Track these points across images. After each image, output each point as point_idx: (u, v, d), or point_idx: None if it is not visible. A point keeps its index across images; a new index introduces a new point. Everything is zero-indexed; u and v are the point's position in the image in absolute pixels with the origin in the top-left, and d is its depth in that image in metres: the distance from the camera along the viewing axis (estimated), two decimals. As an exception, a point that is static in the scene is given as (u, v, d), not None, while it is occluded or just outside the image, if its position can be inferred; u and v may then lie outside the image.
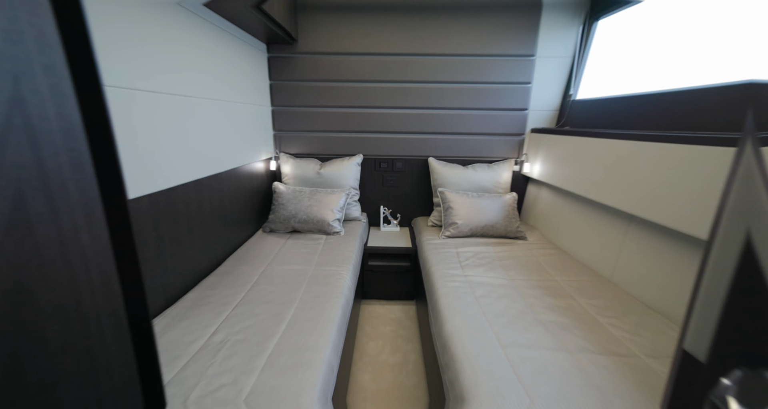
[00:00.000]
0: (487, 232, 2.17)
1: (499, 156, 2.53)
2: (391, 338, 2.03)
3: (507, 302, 1.45)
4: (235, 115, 1.92)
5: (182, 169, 1.46)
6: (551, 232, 2.21)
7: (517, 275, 1.71)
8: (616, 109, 1.90)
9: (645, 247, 1.49)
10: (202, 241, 1.63)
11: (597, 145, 1.74)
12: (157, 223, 1.32)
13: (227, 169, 1.85)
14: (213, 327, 1.24)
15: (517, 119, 2.43)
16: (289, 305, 1.39)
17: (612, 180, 1.61)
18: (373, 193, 2.67)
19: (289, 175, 2.45)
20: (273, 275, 1.64)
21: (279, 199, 2.23)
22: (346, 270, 1.72)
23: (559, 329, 1.27)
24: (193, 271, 1.55)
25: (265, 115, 2.37)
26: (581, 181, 1.84)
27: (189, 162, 1.50)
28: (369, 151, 2.55)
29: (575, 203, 2.01)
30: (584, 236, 1.88)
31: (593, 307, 1.42)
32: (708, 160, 1.18)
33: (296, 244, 2.03)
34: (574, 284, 1.62)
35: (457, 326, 1.27)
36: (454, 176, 2.40)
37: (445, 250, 1.98)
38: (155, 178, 1.30)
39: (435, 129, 2.48)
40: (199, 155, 1.58)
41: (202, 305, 1.37)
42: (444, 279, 1.63)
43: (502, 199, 2.25)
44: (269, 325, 1.25)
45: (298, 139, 2.54)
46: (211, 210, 1.70)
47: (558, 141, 2.11)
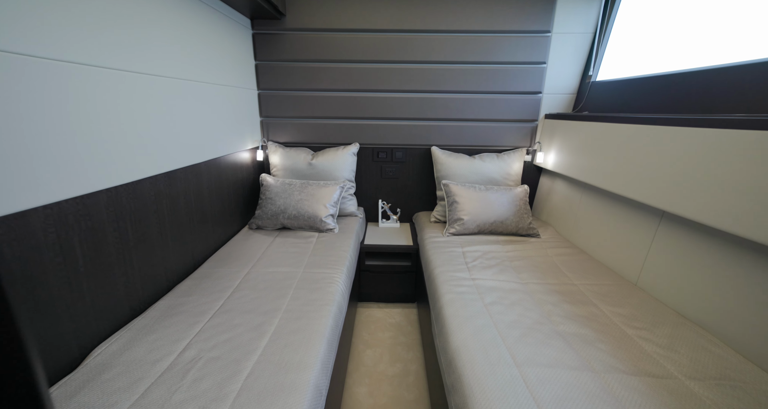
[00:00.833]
0: (496, 229, 1.99)
1: (509, 145, 2.34)
2: (389, 346, 1.87)
3: (520, 310, 1.27)
4: (216, 99, 1.73)
5: (151, 159, 1.27)
6: (567, 228, 2.03)
7: (531, 277, 1.53)
8: (643, 91, 1.70)
9: (679, 247, 1.31)
10: (177, 241, 1.45)
11: (621, 132, 1.55)
12: (119, 221, 1.14)
13: (207, 159, 1.67)
14: (184, 342, 1.07)
15: (529, 104, 2.22)
16: (274, 314, 1.22)
17: (639, 171, 1.42)
18: (370, 185, 2.48)
19: (278, 167, 2.26)
20: (257, 278, 1.47)
21: (266, 192, 2.05)
22: (339, 273, 1.55)
23: (581, 343, 1.10)
24: (166, 275, 1.38)
25: (250, 100, 2.17)
26: (602, 172, 1.65)
27: (159, 152, 1.31)
28: (366, 140, 2.36)
29: (595, 197, 1.82)
30: (605, 233, 1.70)
31: (619, 316, 1.25)
32: (763, 147, 0.99)
33: (285, 242, 1.86)
34: (594, 289, 1.44)
35: (464, 339, 1.10)
36: (460, 167, 2.21)
37: (449, 249, 1.80)
38: (117, 170, 1.12)
39: (439, 115, 2.28)
40: (172, 144, 1.39)
41: (173, 314, 1.20)
42: (449, 283, 1.46)
43: (512, 193, 2.06)
44: (249, 339, 1.09)
45: (288, 127, 2.34)
46: (186, 206, 1.52)
47: (575, 128, 1.91)
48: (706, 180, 1.14)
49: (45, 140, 0.88)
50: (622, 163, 1.52)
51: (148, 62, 1.23)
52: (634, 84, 1.76)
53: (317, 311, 1.24)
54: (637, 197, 1.42)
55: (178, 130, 1.42)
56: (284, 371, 0.96)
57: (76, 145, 0.97)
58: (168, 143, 1.36)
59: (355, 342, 1.89)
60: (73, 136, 0.96)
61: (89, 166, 1.01)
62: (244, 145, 2.10)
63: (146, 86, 1.23)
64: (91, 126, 1.01)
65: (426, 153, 2.38)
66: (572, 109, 2.21)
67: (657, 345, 1.09)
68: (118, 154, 1.11)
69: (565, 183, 2.11)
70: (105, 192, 1.07)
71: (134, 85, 1.17)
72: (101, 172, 1.06)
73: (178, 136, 1.42)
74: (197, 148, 1.57)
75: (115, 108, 1.10)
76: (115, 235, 1.12)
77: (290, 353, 1.03)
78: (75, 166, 0.97)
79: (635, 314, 1.26)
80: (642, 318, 1.23)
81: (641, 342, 1.10)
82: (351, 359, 1.76)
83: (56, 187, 0.92)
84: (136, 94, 1.18)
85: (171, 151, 1.38)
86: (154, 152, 1.28)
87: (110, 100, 1.08)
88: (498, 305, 1.30)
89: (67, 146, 0.95)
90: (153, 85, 1.26)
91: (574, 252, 1.79)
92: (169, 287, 1.40)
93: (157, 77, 1.28)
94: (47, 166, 0.89)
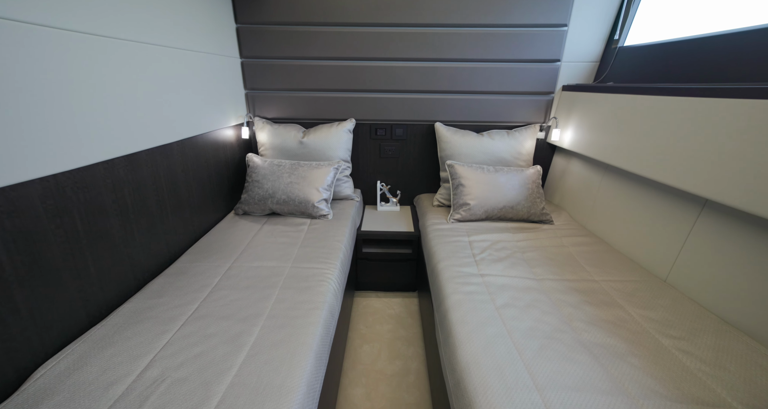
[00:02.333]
0: (505, 214, 1.81)
1: (521, 121, 2.11)
2: (388, 341, 1.74)
3: (537, 314, 1.12)
4: (191, 67, 1.49)
5: (106, 140, 1.07)
6: (583, 214, 1.85)
7: (546, 272, 1.37)
8: (681, 57, 1.46)
9: (723, 241, 1.13)
10: (147, 233, 1.27)
11: (653, 105, 1.33)
12: (64, 216, 0.95)
13: (180, 138, 1.46)
14: (147, 358, 0.91)
15: (545, 74, 1.97)
16: (254, 321, 1.06)
17: (676, 151, 1.22)
18: (368, 166, 2.27)
19: (266, 145, 2.05)
20: (239, 275, 1.30)
21: (253, 174, 1.85)
22: (332, 268, 1.38)
23: (611, 358, 0.94)
24: (134, 273, 1.21)
25: (232, 69, 1.92)
26: (629, 152, 1.45)
27: (116, 131, 1.11)
28: (363, 115, 2.13)
29: (618, 180, 1.62)
30: (630, 221, 1.51)
31: (650, 321, 1.09)
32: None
33: (273, 231, 1.68)
34: (618, 287, 1.28)
35: (474, 354, 0.95)
36: (466, 146, 2.00)
37: (454, 238, 1.63)
38: (57, 155, 0.92)
39: (444, 87, 2.04)
40: (133, 122, 1.18)
41: (138, 321, 1.04)
42: (455, 281, 1.29)
43: (524, 174, 1.86)
44: (223, 354, 0.93)
45: (276, 100, 2.10)
46: (156, 193, 1.33)
47: (598, 100, 1.68)
48: (763, 163, 0.95)
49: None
50: (654, 142, 1.32)
51: (94, 20, 1.00)
52: (671, 49, 1.51)
53: (305, 317, 1.08)
54: (674, 183, 1.23)
55: (141, 105, 1.21)
56: (262, 398, 0.81)
57: (10, 122, 0.77)
58: (127, 121, 1.15)
59: (352, 336, 1.76)
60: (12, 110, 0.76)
61: (16, 149, 0.82)
62: (227, 122, 1.88)
63: (93, 51, 1.00)
64: (17, 97, 0.81)
65: (429, 130, 2.16)
66: (594, 79, 1.96)
67: (701, 360, 0.93)
68: (56, 136, 0.91)
69: (583, 163, 1.90)
70: (39, 182, 0.88)
71: (76, 48, 0.95)
72: (35, 156, 0.86)
73: (141, 112, 1.21)
74: (167, 127, 1.36)
75: (71, 77, 0.89)
76: (59, 232, 0.94)
77: (270, 372, 0.87)
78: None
79: (669, 318, 1.10)
80: (678, 324, 1.07)
81: (681, 356, 0.95)
82: (347, 355, 1.64)
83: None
84: (79, 60, 0.96)
85: (132, 131, 1.17)
86: (107, 132, 1.07)
87: (67, 68, 0.87)
88: (511, 308, 1.14)
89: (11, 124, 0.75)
90: (103, 50, 1.04)
91: (591, 241, 1.62)
92: (139, 286, 1.23)
93: (108, 39, 1.05)
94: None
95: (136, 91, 1.18)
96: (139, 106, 1.20)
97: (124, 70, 1.13)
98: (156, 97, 1.29)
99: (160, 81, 1.31)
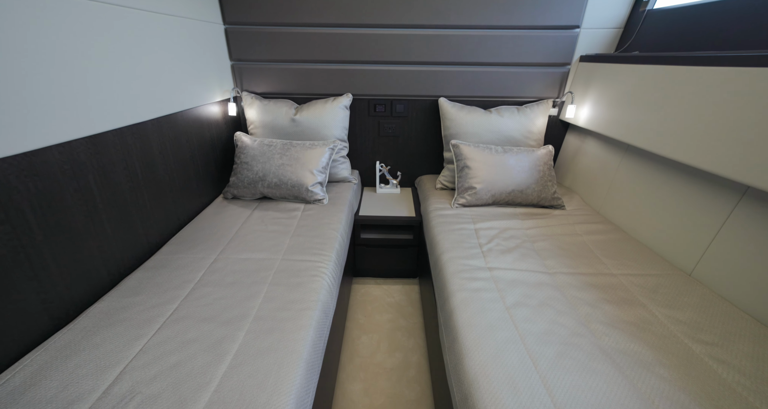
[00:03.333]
0: (514, 199, 1.67)
1: (532, 96, 1.93)
2: (388, 331, 1.65)
3: (551, 315, 1.01)
4: (165, 34, 1.31)
5: (60, 119, 0.92)
6: (596, 198, 1.72)
7: (559, 264, 1.26)
8: (724, 20, 1.28)
9: (765, 233, 1.01)
10: (120, 223, 1.15)
11: (689, 77, 1.17)
12: (7, 211, 0.82)
13: (156, 116, 1.30)
14: (116, 369, 0.81)
15: (562, 42, 1.78)
16: (239, 324, 0.95)
17: (714, 132, 1.08)
18: (366, 145, 2.12)
19: (256, 123, 1.88)
20: (225, 269, 1.19)
21: (242, 155, 1.70)
22: (326, 260, 1.26)
23: (636, 368, 0.84)
24: (107, 269, 1.10)
25: (215, 37, 1.73)
26: (655, 131, 1.30)
27: (75, 107, 0.96)
28: (360, 90, 1.95)
29: (640, 162, 1.48)
30: (651, 208, 1.39)
31: (677, 323, 0.99)
32: None
33: (264, 217, 1.55)
34: (639, 281, 1.17)
35: (483, 364, 0.85)
36: (472, 123, 1.84)
37: (459, 226, 1.51)
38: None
39: (449, 58, 1.85)
40: (95, 98, 1.02)
41: (110, 324, 0.93)
42: (460, 275, 1.18)
43: (534, 155, 1.71)
44: (203, 364, 0.83)
45: (265, 73, 1.91)
46: (130, 178, 1.19)
47: (620, 72, 1.51)
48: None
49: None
50: (687, 121, 1.16)
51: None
52: (712, 10, 1.33)
53: (296, 319, 0.98)
54: (710, 167, 1.09)
55: (104, 78, 1.05)
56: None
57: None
58: (86, 97, 0.99)
59: (350, 327, 1.68)
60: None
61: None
62: (211, 97, 1.71)
63: (43, 12, 0.84)
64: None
65: (432, 106, 1.99)
66: (616, 49, 1.77)
67: (738, 372, 0.83)
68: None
69: (599, 143, 1.75)
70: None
71: (19, 9, 0.78)
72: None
73: (105, 86, 1.05)
74: (138, 103, 1.20)
75: (13, 44, 0.74)
76: (5, 230, 0.81)
77: (255, 387, 0.78)
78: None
79: (698, 320, 0.99)
80: (709, 327, 0.97)
81: (716, 366, 0.85)
82: (344, 347, 1.56)
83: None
84: (24, 23, 0.79)
85: (93, 108, 1.02)
86: (62, 110, 0.92)
87: (9, 32, 0.71)
88: (523, 308, 1.03)
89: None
90: (57, 11, 0.87)
91: (607, 229, 1.50)
92: (114, 283, 1.12)
93: (77, 2, 0.88)
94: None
95: (99, 63, 1.02)
96: (102, 80, 1.04)
97: (77, 34, 0.96)
98: (122, 69, 1.12)
99: (138, 50, 1.14)
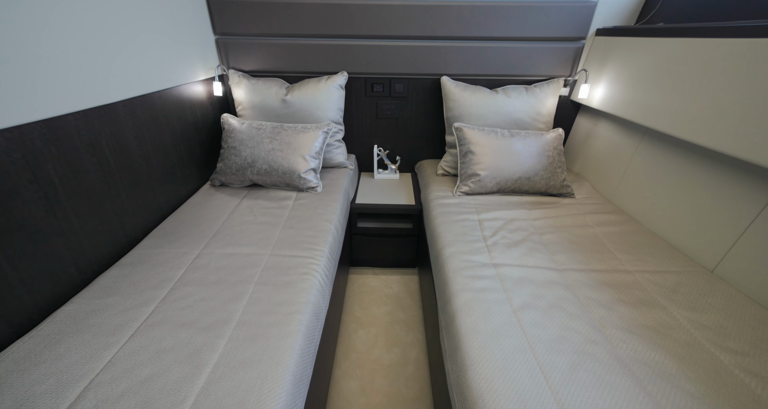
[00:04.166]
0: (520, 187, 1.57)
1: (542, 74, 1.79)
2: (386, 325, 1.58)
3: (563, 318, 0.92)
4: (138, 3, 1.16)
5: (8, 99, 0.80)
6: (608, 185, 1.61)
7: (569, 260, 1.16)
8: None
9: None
10: (89, 217, 1.05)
11: (722, 51, 1.04)
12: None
13: (128, 96, 1.17)
14: (80, 385, 0.73)
15: (577, 14, 1.62)
16: (220, 330, 0.87)
17: (754, 114, 0.96)
18: (363, 128, 1.99)
19: (244, 104, 1.75)
20: (208, 265, 1.10)
21: (229, 139, 1.58)
22: (319, 255, 1.17)
23: (658, 382, 0.76)
24: (77, 267, 1.01)
25: (196, 8, 1.57)
26: (681, 113, 1.17)
27: (29, 86, 0.84)
28: (357, 67, 1.80)
29: (661, 147, 1.36)
30: (671, 198, 1.28)
31: (701, 328, 0.90)
32: None
33: (253, 207, 1.45)
34: (656, 279, 1.08)
35: (489, 378, 0.76)
36: (477, 104, 1.70)
37: (462, 216, 1.41)
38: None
39: (452, 32, 1.69)
40: (57, 74, 0.90)
41: (77, 331, 0.85)
42: (463, 273, 1.09)
43: (543, 139, 1.59)
44: (179, 378, 0.75)
45: (254, 49, 1.76)
46: (99, 167, 1.08)
47: (643, 47, 1.37)
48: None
49: None
50: (722, 102, 1.04)
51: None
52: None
53: (282, 324, 0.89)
54: (747, 155, 0.97)
55: (62, 53, 0.92)
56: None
57: None
58: (41, 75, 0.87)
59: (346, 320, 1.61)
60: None
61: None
62: (194, 75, 1.57)
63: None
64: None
65: (434, 85, 1.84)
66: (637, 20, 1.62)
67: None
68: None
69: (614, 126, 1.62)
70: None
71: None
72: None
73: (62, 63, 0.92)
74: (106, 83, 1.07)
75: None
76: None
77: (234, 406, 0.69)
78: None
79: (724, 324, 0.91)
80: (737, 333, 0.88)
81: (748, 380, 0.76)
82: (340, 342, 1.49)
83: None
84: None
85: (49, 88, 0.90)
86: (9, 89, 0.80)
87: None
88: (532, 311, 0.95)
89: None
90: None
91: (620, 220, 1.40)
92: (86, 281, 1.03)
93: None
94: None
95: (50, 32, 0.89)
96: (60, 55, 0.91)
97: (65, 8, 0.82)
98: (85, 43, 0.99)
99: (90, 20, 1.00)
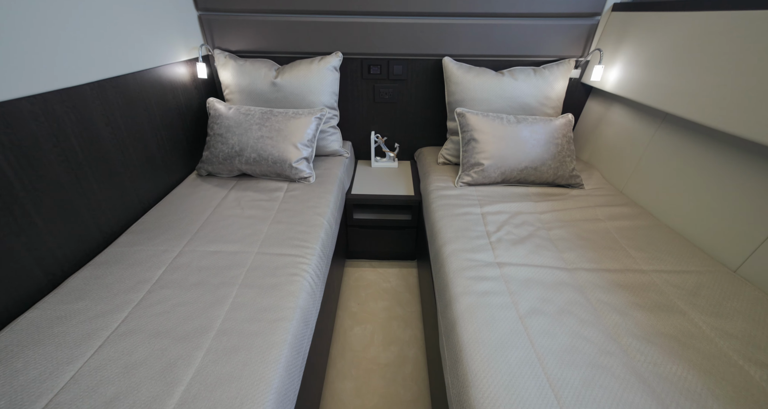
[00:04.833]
0: (526, 177, 1.47)
1: (551, 54, 1.66)
2: (383, 321, 1.52)
3: (574, 325, 0.85)
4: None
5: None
6: (619, 175, 1.51)
7: (579, 258, 1.08)
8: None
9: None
10: (55, 213, 0.96)
11: (764, 26, 0.92)
12: None
13: (98, 78, 1.06)
14: (35, 407, 0.65)
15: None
16: (198, 340, 0.79)
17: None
18: (359, 113, 1.87)
19: (231, 87, 1.63)
20: (190, 265, 1.01)
21: (215, 126, 1.47)
22: (309, 253, 1.08)
23: (681, 401, 0.69)
24: (42, 267, 0.92)
25: (174, -18, 1.43)
26: (708, 97, 1.06)
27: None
28: (352, 47, 1.67)
29: (681, 135, 1.25)
30: (692, 190, 1.19)
31: (726, 337, 0.82)
32: None
33: (241, 199, 1.35)
34: (675, 280, 0.99)
35: (493, 398, 0.69)
36: (481, 88, 1.58)
37: (464, 210, 1.31)
38: None
39: (455, 8, 1.55)
40: (5, 54, 0.79)
41: (38, 342, 0.77)
42: (465, 274, 1.00)
43: (552, 126, 1.48)
44: (149, 397, 0.67)
45: (241, 26, 1.63)
46: (64, 158, 0.98)
47: (666, 23, 1.24)
48: None
49: None
50: (757, 84, 0.93)
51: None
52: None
53: (267, 333, 0.81)
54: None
55: (11, 29, 0.80)
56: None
57: None
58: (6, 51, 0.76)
59: (341, 316, 1.54)
60: None
61: None
62: (175, 56, 1.45)
63: None
64: None
65: (435, 66, 1.72)
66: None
67: (806, 406, 0.68)
68: None
69: (629, 111, 1.51)
70: None
71: None
72: None
73: (12, 40, 0.81)
74: (69, 63, 0.96)
75: None
76: None
77: (209, 430, 0.62)
78: None
79: (752, 332, 0.83)
80: (766, 342, 0.80)
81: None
82: (335, 339, 1.43)
83: None
84: None
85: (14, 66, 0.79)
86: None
87: None
88: (540, 317, 0.87)
89: None
90: None
91: (633, 213, 1.31)
92: (55, 284, 0.95)
93: None
94: None
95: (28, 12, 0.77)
96: (7, 31, 0.80)
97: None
98: (41, 17, 0.87)
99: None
